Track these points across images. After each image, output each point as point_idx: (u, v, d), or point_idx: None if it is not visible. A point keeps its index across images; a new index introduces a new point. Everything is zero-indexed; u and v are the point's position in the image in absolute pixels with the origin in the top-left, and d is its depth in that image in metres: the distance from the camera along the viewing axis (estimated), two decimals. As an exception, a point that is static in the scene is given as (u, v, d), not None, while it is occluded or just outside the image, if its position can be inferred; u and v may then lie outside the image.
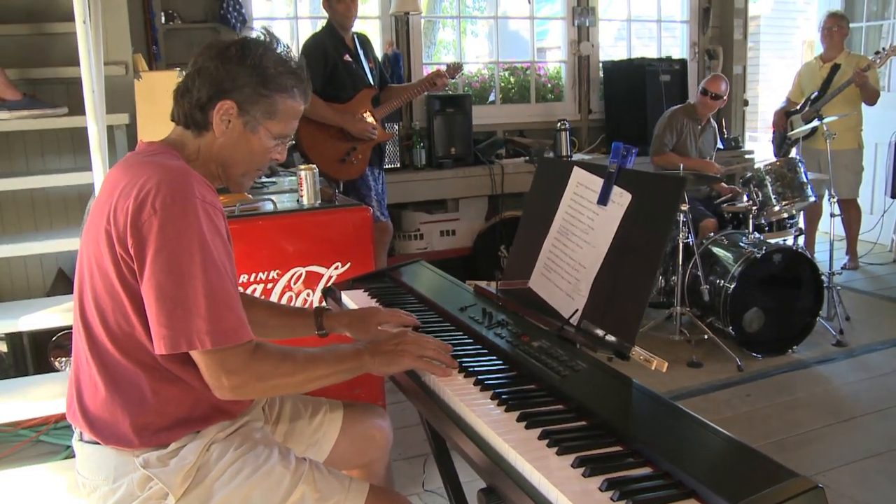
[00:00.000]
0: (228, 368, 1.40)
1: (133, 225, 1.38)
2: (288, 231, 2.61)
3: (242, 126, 1.54)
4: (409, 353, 1.55)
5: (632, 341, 1.52)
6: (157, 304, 1.36)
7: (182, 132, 1.58)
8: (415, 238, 5.33)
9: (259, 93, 1.52)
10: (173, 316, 1.36)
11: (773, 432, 3.19)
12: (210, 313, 1.37)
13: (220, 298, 1.39)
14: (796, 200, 4.31)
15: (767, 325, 4.01)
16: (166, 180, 1.41)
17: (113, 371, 1.46)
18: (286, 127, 1.59)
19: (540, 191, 1.97)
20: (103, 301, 1.45)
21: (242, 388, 1.43)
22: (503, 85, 6.17)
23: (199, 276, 1.37)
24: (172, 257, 1.36)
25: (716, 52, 6.32)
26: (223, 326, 1.38)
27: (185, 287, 1.36)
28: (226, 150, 1.56)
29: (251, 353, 1.43)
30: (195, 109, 1.53)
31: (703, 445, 1.20)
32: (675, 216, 1.59)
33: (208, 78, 1.51)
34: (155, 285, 1.36)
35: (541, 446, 1.23)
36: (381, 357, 1.55)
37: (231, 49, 1.52)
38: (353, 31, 4.16)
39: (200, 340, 1.36)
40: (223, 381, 1.40)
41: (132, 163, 1.52)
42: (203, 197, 1.42)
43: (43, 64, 3.37)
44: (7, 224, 3.52)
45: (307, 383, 1.51)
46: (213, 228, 1.42)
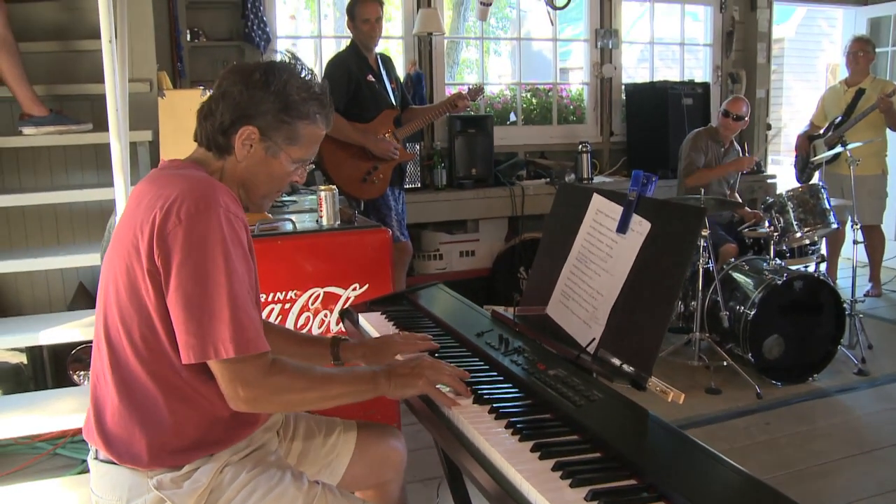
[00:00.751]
0: (245, 380, 1.41)
1: (159, 236, 1.39)
2: (307, 251, 2.62)
3: (264, 151, 1.56)
4: (425, 378, 1.55)
5: (649, 372, 1.51)
6: (184, 313, 1.38)
7: (204, 153, 1.60)
8: (434, 258, 5.33)
9: (281, 119, 1.54)
10: (200, 323, 1.38)
11: (793, 462, 3.14)
12: (233, 320, 1.38)
13: (240, 306, 1.40)
14: (818, 227, 4.27)
15: (788, 352, 3.96)
16: (191, 190, 1.43)
17: (132, 389, 1.46)
18: (307, 152, 1.61)
19: (559, 217, 1.97)
20: (129, 315, 1.45)
21: (257, 401, 1.44)
22: (525, 106, 6.19)
23: (223, 282, 1.39)
24: (197, 265, 1.38)
25: (739, 76, 6.30)
26: (245, 335, 1.39)
27: (209, 294, 1.38)
28: (247, 173, 1.59)
29: (268, 366, 1.44)
30: (218, 133, 1.55)
31: (717, 481, 1.19)
32: (694, 246, 1.58)
33: (232, 103, 1.53)
34: (181, 294, 1.38)
35: (554, 478, 1.22)
36: (397, 380, 1.55)
37: (255, 74, 1.54)
38: (376, 52, 4.19)
39: (225, 348, 1.38)
40: (239, 391, 1.41)
41: (157, 177, 1.54)
42: (227, 206, 1.44)
43: (69, 80, 3.42)
44: (31, 238, 3.56)
45: (321, 401, 1.52)
46: (235, 238, 1.43)
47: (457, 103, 4.24)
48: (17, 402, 2.86)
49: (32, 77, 3.16)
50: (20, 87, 3.08)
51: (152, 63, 3.56)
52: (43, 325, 2.85)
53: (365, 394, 1.55)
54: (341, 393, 1.52)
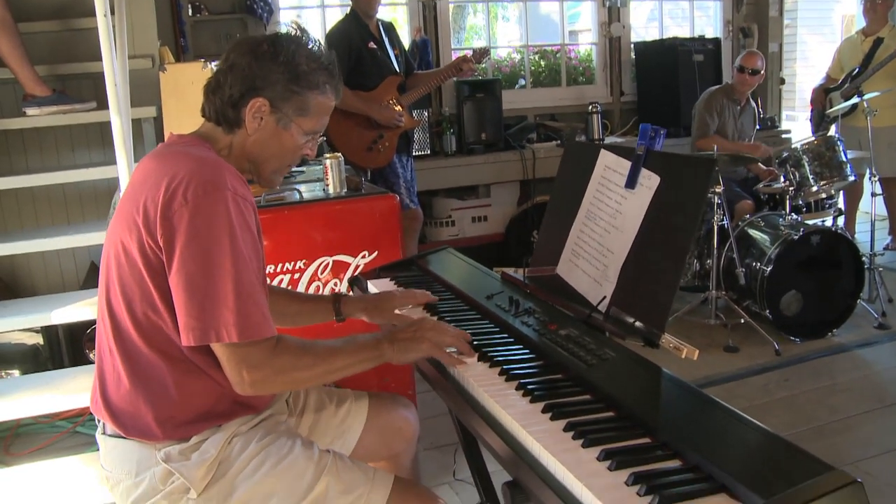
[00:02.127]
0: (250, 363, 1.39)
1: (163, 215, 1.37)
2: (314, 220, 2.60)
3: (275, 123, 1.54)
4: (428, 341, 1.53)
5: (662, 328, 1.48)
6: (185, 294, 1.36)
7: (213, 128, 1.58)
8: (446, 225, 5.30)
9: (291, 90, 1.52)
10: (202, 307, 1.35)
11: (812, 418, 3.11)
12: (238, 306, 1.36)
13: (246, 292, 1.38)
14: (835, 180, 4.19)
15: (806, 308, 3.91)
16: (198, 171, 1.40)
17: (137, 363, 1.45)
18: (318, 123, 1.59)
19: (567, 175, 1.93)
20: (131, 291, 1.44)
21: (263, 383, 1.42)
22: (533, 68, 6.10)
23: (229, 267, 1.36)
24: (202, 248, 1.36)
25: (750, 30, 6.17)
26: (250, 320, 1.37)
27: (214, 278, 1.36)
28: (257, 146, 1.56)
29: (273, 347, 1.42)
30: (227, 107, 1.53)
31: (735, 437, 1.15)
32: (705, 199, 1.54)
33: (241, 75, 1.51)
34: (184, 276, 1.36)
35: (566, 438, 1.20)
36: (400, 344, 1.53)
37: (263, 45, 1.52)
38: (377, 19, 4.12)
39: (228, 333, 1.35)
40: (244, 375, 1.39)
41: (164, 153, 1.52)
42: (235, 189, 1.41)
43: (71, 59, 3.40)
44: (41, 218, 3.57)
45: (327, 375, 1.50)
46: (243, 221, 1.41)
47: (462, 67, 4.17)
48: (35, 381, 2.88)
49: (34, 57, 3.14)
50: (22, 67, 3.05)
51: (153, 39, 3.53)
52: (55, 304, 2.85)
53: (370, 362, 1.54)
54: (346, 364, 1.51)
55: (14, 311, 2.89)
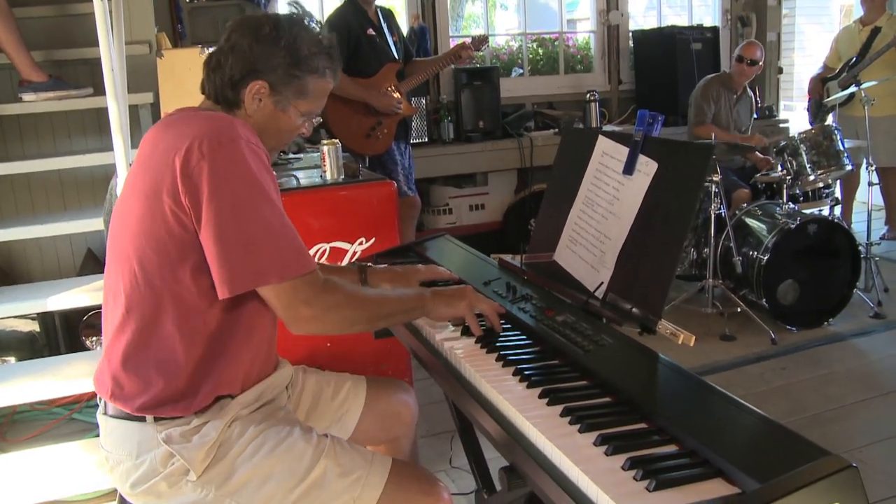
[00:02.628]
0: (302, 298, 1.41)
1: (183, 174, 1.38)
2: (311, 207, 2.59)
3: (273, 105, 1.55)
4: (468, 301, 1.61)
5: (658, 314, 1.48)
6: (217, 246, 1.37)
7: (212, 105, 1.59)
8: (444, 213, 5.30)
9: (291, 74, 1.53)
10: (235, 255, 1.37)
11: (808, 407, 3.12)
12: (272, 247, 1.38)
13: (279, 232, 1.40)
14: (832, 169, 4.19)
15: (802, 297, 3.92)
16: (209, 126, 1.42)
17: (150, 334, 1.45)
18: (315, 105, 1.61)
19: (565, 162, 1.93)
20: (149, 263, 1.43)
21: (316, 320, 1.45)
22: (531, 56, 6.08)
23: (256, 213, 1.38)
24: (227, 199, 1.37)
25: (749, 19, 6.15)
26: (286, 259, 1.39)
27: (243, 226, 1.37)
28: (255, 126, 1.56)
29: (321, 284, 1.44)
30: (227, 87, 1.54)
31: (731, 422, 1.16)
32: (703, 185, 1.54)
33: (241, 56, 1.51)
34: (215, 227, 1.37)
35: (562, 423, 1.20)
36: (442, 298, 1.61)
37: (265, 28, 1.52)
38: (376, 5, 4.10)
39: (265, 276, 1.38)
40: (300, 310, 1.42)
41: (171, 121, 1.52)
42: (248, 138, 1.43)
43: (68, 45, 3.38)
44: (37, 205, 3.56)
45: (376, 320, 1.56)
46: (262, 165, 1.43)
47: (460, 54, 4.16)
48: (32, 368, 2.87)
49: (30, 43, 3.12)
50: (18, 53, 3.04)
51: (150, 24, 3.51)
52: (52, 291, 2.84)
53: (414, 312, 1.61)
54: (393, 311, 1.57)
55: (10, 297, 2.88)
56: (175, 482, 1.44)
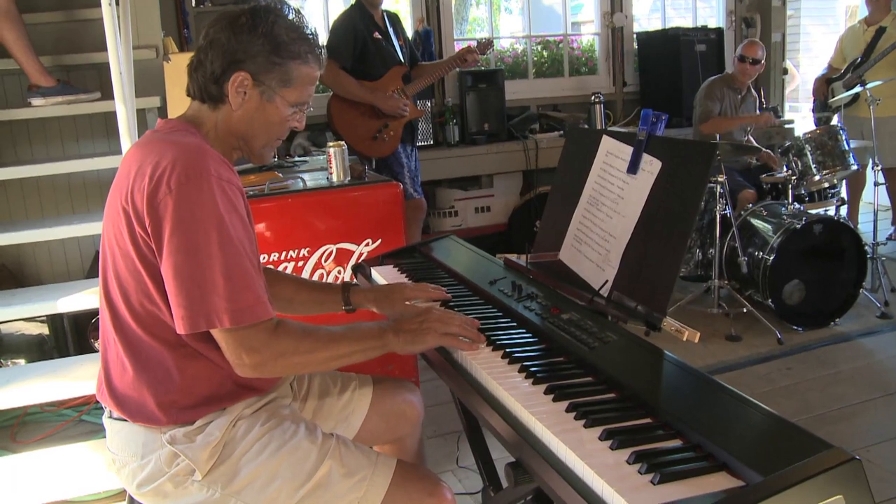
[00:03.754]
0: (249, 346, 1.38)
1: (150, 204, 1.37)
2: (318, 208, 2.61)
3: (259, 96, 1.52)
4: (434, 331, 1.51)
5: (663, 312, 1.49)
6: (174, 283, 1.36)
7: (199, 107, 1.57)
8: (450, 215, 5.31)
9: (272, 61, 1.50)
10: (191, 295, 1.35)
11: (814, 406, 3.13)
12: (228, 292, 1.35)
13: (237, 277, 1.37)
14: (838, 169, 4.19)
15: (809, 297, 3.92)
16: (181, 158, 1.39)
17: (138, 350, 1.46)
18: (302, 94, 1.56)
19: (570, 161, 1.94)
20: (126, 281, 1.45)
21: (263, 366, 1.42)
22: (536, 59, 6.10)
23: (217, 254, 1.35)
24: (188, 236, 1.35)
25: (753, 20, 6.15)
26: (241, 305, 1.36)
27: (202, 266, 1.35)
28: (244, 122, 1.55)
29: (272, 330, 1.41)
30: (210, 83, 1.51)
31: (735, 417, 1.16)
32: (706, 183, 1.55)
33: (220, 50, 1.49)
34: (172, 265, 1.35)
35: (568, 419, 1.21)
36: (405, 335, 1.52)
37: (241, 18, 1.49)
38: (382, 9, 4.13)
39: (219, 319, 1.35)
40: (244, 358, 1.39)
41: (147, 142, 1.51)
42: (219, 174, 1.40)
43: (76, 50, 3.41)
44: (46, 208, 3.59)
45: (329, 361, 1.49)
46: (230, 206, 1.40)
47: (466, 57, 4.18)
48: (41, 369, 2.89)
49: (39, 48, 3.15)
50: (27, 58, 3.07)
51: (157, 29, 3.54)
52: (61, 293, 2.86)
53: (374, 350, 1.52)
54: (349, 352, 1.49)
55: (20, 299, 2.90)
56: (181, 482, 1.45)
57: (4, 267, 3.57)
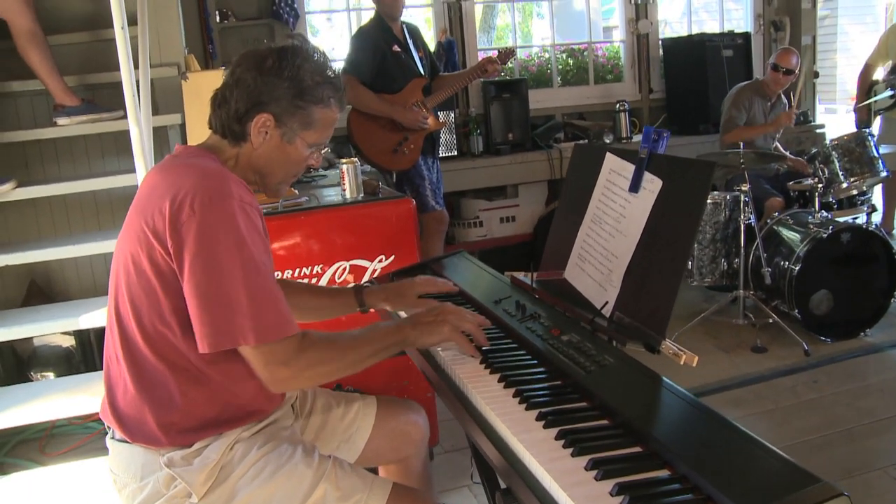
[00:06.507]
0: (277, 360, 1.42)
1: (172, 227, 1.40)
2: (331, 225, 2.62)
3: (280, 137, 1.57)
4: (449, 324, 1.58)
5: (662, 334, 1.46)
6: (198, 303, 1.39)
7: (219, 140, 1.60)
8: (474, 226, 5.30)
9: (296, 105, 1.54)
10: (215, 314, 1.38)
11: (841, 421, 3.05)
12: (252, 311, 1.39)
13: (261, 296, 1.40)
14: (866, 176, 4.11)
15: (837, 307, 3.84)
16: (204, 182, 1.43)
17: (143, 371, 1.48)
18: (322, 136, 1.61)
19: (575, 178, 1.93)
20: (139, 301, 1.47)
21: (294, 379, 1.47)
22: (561, 67, 6.07)
23: (240, 274, 1.39)
24: (211, 258, 1.38)
25: (782, 23, 6.05)
26: (265, 322, 1.40)
27: (224, 287, 1.38)
28: (262, 159, 1.59)
29: (297, 343, 1.45)
30: (233, 121, 1.55)
31: (726, 447, 1.14)
32: (705, 201, 1.53)
33: (246, 90, 1.52)
34: (195, 286, 1.38)
35: (556, 447, 1.20)
36: (422, 328, 1.58)
37: (269, 60, 1.53)
38: (402, 22, 4.14)
39: (244, 337, 1.38)
40: (274, 373, 1.43)
41: (168, 166, 1.55)
42: (241, 197, 1.44)
43: (100, 69, 3.47)
44: (73, 225, 3.65)
45: (356, 364, 1.54)
46: (252, 227, 1.44)
47: (486, 68, 4.17)
48: (68, 383, 2.96)
49: (65, 68, 3.21)
50: (51, 78, 3.13)
51: (179, 47, 3.58)
52: (85, 309, 2.92)
53: (394, 347, 1.58)
54: (372, 351, 1.54)
55: (46, 315, 2.97)
56: None
57: (34, 283, 3.65)
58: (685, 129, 5.49)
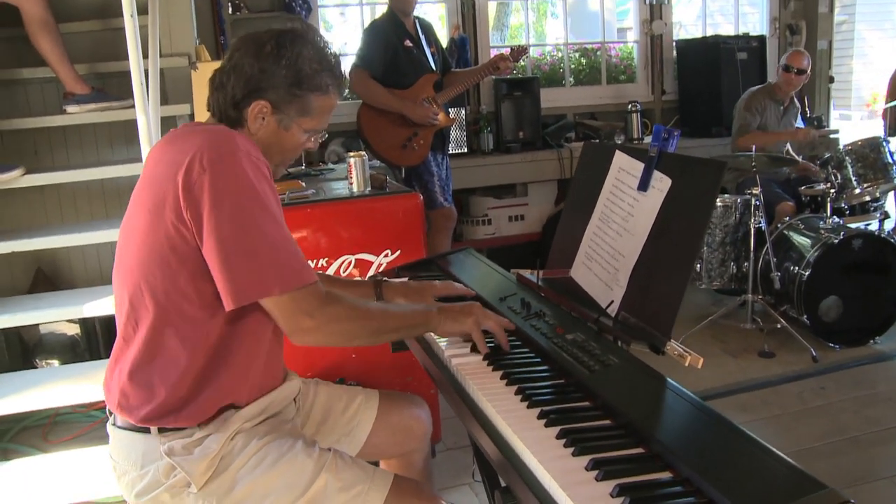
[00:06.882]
0: (303, 310, 1.42)
1: (185, 188, 1.39)
2: (337, 219, 2.60)
3: (276, 124, 1.56)
4: (474, 317, 1.59)
5: (668, 334, 1.45)
6: (219, 259, 1.38)
7: (216, 123, 1.59)
8: (483, 223, 5.28)
9: (293, 93, 1.53)
10: (238, 267, 1.38)
11: (848, 428, 3.02)
12: (273, 259, 1.39)
13: (280, 244, 1.41)
14: (880, 182, 4.06)
15: (847, 314, 3.80)
16: (209, 139, 1.44)
17: (154, 345, 1.46)
18: (319, 122, 1.60)
19: (584, 176, 1.90)
20: (152, 277, 1.44)
21: (317, 332, 1.46)
22: (574, 67, 6.04)
23: (257, 224, 1.39)
24: (228, 211, 1.38)
25: (798, 27, 6.00)
26: (288, 270, 1.40)
27: (243, 238, 1.38)
28: (259, 144, 1.57)
29: (323, 295, 1.45)
30: (230, 107, 1.55)
31: (730, 451, 1.12)
32: (714, 202, 1.51)
33: (243, 77, 1.52)
34: (215, 241, 1.38)
35: (557, 446, 1.18)
36: (447, 314, 1.60)
37: (267, 46, 1.52)
38: (414, 17, 4.13)
39: (268, 287, 1.39)
40: (301, 323, 1.43)
41: (173, 137, 1.55)
42: (248, 151, 1.44)
43: (110, 58, 3.47)
44: (81, 213, 3.66)
45: (379, 334, 1.56)
46: (262, 177, 1.44)
47: (499, 65, 4.15)
48: (72, 371, 2.96)
49: (76, 56, 3.21)
50: (62, 66, 3.13)
51: (190, 37, 3.58)
52: (89, 297, 2.91)
53: (419, 328, 1.60)
54: (397, 326, 1.57)
55: (51, 303, 2.96)
56: (177, 493, 1.45)
57: (41, 271, 3.65)
58: (697, 131, 5.46)
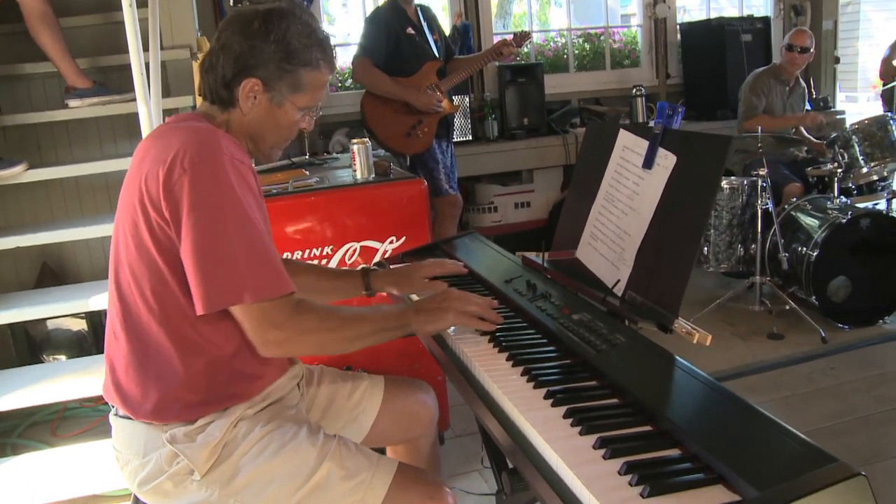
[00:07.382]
0: (272, 322, 1.39)
1: (165, 188, 1.37)
2: (342, 206, 2.59)
3: (268, 102, 1.54)
4: (453, 310, 1.54)
5: (675, 312, 1.43)
6: (193, 262, 1.36)
7: (209, 107, 1.58)
8: (489, 211, 5.27)
9: (283, 69, 1.51)
10: (210, 273, 1.36)
11: (858, 408, 3.00)
12: (247, 268, 1.36)
13: (256, 253, 1.38)
14: (887, 161, 4.02)
15: (855, 294, 3.77)
16: (192, 140, 1.41)
17: (145, 345, 1.46)
18: (312, 98, 1.58)
19: (589, 156, 1.89)
20: (139, 271, 1.44)
21: (288, 343, 1.42)
22: (578, 52, 6.00)
23: (234, 231, 1.37)
24: (205, 215, 1.36)
25: (802, 7, 5.95)
26: (261, 280, 1.37)
27: (220, 243, 1.36)
28: (253, 124, 1.56)
29: (294, 306, 1.42)
30: (220, 87, 1.53)
31: (739, 426, 1.10)
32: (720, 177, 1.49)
33: (232, 55, 1.50)
34: (191, 244, 1.36)
35: (564, 425, 1.17)
36: (425, 315, 1.54)
37: (254, 23, 1.49)
38: (416, 4, 4.10)
39: (239, 295, 1.36)
40: (268, 334, 1.40)
41: (160, 132, 1.53)
42: (231, 153, 1.42)
43: (112, 52, 3.45)
44: (85, 207, 3.65)
45: (352, 341, 1.51)
46: (244, 183, 1.41)
47: (502, 50, 4.13)
48: (79, 366, 2.96)
49: (77, 50, 3.20)
50: (63, 60, 3.12)
51: (192, 29, 3.56)
52: (95, 291, 2.91)
53: (395, 331, 1.55)
54: (372, 331, 1.52)
55: (57, 297, 2.96)
56: (180, 481, 1.45)
57: (46, 265, 3.65)
58: (703, 114, 5.43)
